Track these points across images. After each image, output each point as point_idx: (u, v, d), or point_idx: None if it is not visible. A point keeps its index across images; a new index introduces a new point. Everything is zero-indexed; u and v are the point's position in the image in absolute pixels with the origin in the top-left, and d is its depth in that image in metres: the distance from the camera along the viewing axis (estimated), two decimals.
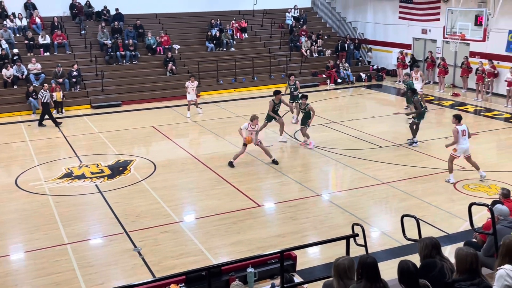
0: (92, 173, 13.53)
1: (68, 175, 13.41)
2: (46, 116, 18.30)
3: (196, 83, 19.33)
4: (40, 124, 18.36)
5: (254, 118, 13.60)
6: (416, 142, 15.05)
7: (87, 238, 10.06)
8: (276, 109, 15.73)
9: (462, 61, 22.07)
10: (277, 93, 15.81)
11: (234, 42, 26.11)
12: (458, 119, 12.21)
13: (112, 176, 13.32)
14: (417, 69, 19.67)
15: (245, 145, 13.73)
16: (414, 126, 15.14)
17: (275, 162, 13.84)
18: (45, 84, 19.00)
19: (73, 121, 19.16)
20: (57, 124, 18.20)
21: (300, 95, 16.30)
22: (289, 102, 17.58)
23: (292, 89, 17.87)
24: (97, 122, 18.99)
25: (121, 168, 13.89)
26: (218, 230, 10.11)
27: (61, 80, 21.08)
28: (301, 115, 15.67)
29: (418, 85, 18.83)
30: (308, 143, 15.17)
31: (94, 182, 12.87)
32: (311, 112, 15.04)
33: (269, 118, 15.73)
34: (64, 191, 12.38)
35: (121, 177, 13.21)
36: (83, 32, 24.24)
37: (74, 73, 21.53)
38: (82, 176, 13.32)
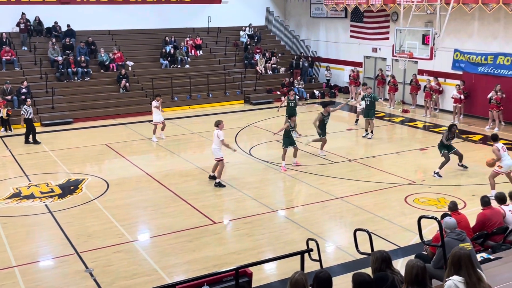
0: (42, 193, 13.13)
1: (16, 195, 12.96)
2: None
3: (161, 100, 18.35)
4: (27, 142, 17.86)
5: (220, 123, 13.40)
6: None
7: (36, 260, 9.73)
8: (326, 122, 15.68)
9: (411, 79, 22.81)
10: (325, 105, 15.88)
11: (189, 59, 26.10)
12: (493, 139, 12.39)
13: (63, 195, 12.97)
14: (365, 87, 20.25)
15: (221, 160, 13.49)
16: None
17: (213, 178, 13.76)
18: (28, 100, 18.43)
19: (22, 139, 18.56)
20: (36, 142, 17.81)
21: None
22: (286, 116, 17.90)
23: (292, 104, 18.12)
24: (47, 140, 18.47)
25: (72, 187, 13.54)
26: (173, 249, 9.99)
27: (9, 97, 20.46)
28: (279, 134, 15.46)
29: (363, 102, 19.37)
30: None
31: (44, 202, 12.49)
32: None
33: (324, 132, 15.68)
34: (12, 211, 11.94)
35: (72, 196, 12.88)
36: (24, 48, 23.68)
37: (23, 90, 20.94)
38: (31, 196, 12.91)
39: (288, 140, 14.93)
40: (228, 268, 7.00)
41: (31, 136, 17.95)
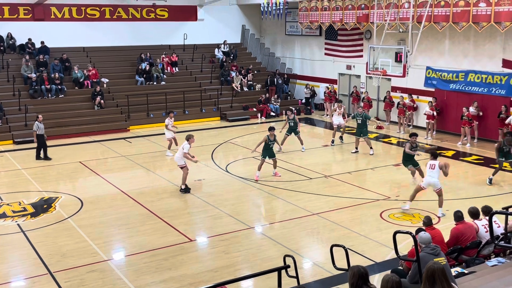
0: (14, 212, 12.86)
1: None
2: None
3: (173, 119, 18.64)
4: (38, 158, 17.74)
5: (190, 137, 14.33)
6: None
7: (8, 280, 9.48)
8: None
9: (385, 96, 23.18)
10: (413, 135, 14.85)
11: (165, 76, 26.06)
12: (431, 154, 12.65)
13: (36, 214, 12.72)
14: (340, 104, 20.52)
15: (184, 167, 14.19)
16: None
17: (186, 190, 14.15)
18: (39, 116, 18.11)
19: None
20: (46, 158, 17.75)
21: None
22: (286, 134, 18.62)
23: (292, 124, 18.62)
24: (19, 158, 18.17)
25: (45, 206, 13.30)
26: (149, 267, 9.86)
27: None
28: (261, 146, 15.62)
29: (339, 119, 19.70)
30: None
31: (16, 221, 12.22)
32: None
33: (410, 159, 14.62)
34: None
35: (45, 215, 12.64)
36: None
37: None
38: (2, 215, 12.62)
39: (267, 152, 15.29)
40: (205, 286, 6.94)
41: (42, 152, 17.90)
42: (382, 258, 10.10)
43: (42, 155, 17.82)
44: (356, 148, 18.48)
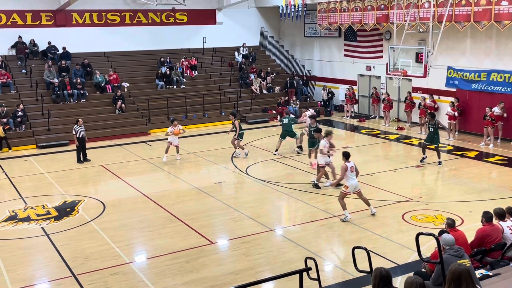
0: (38, 215, 13.06)
1: (12, 218, 12.88)
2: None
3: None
4: (79, 161, 18.18)
5: (329, 133, 14.79)
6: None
7: (33, 283, 9.64)
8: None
9: (406, 96, 22.96)
10: (327, 134, 15.05)
11: (184, 80, 26.22)
12: (345, 156, 12.29)
13: (59, 217, 12.90)
14: (301, 110, 20.47)
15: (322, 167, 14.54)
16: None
17: (317, 186, 14.56)
18: (79, 119, 18.40)
19: (18, 162, 18.55)
20: (85, 160, 18.26)
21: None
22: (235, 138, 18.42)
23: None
24: (43, 162, 18.46)
25: (68, 209, 13.48)
26: (171, 270, 9.92)
27: (5, 120, 20.43)
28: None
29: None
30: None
31: (40, 224, 12.41)
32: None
33: None
34: (8, 234, 11.86)
35: (69, 218, 12.81)
36: (23, 71, 23.77)
37: (19, 113, 20.96)
38: (27, 219, 12.83)
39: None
40: None
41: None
42: (405, 260, 10.00)
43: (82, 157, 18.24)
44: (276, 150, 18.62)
